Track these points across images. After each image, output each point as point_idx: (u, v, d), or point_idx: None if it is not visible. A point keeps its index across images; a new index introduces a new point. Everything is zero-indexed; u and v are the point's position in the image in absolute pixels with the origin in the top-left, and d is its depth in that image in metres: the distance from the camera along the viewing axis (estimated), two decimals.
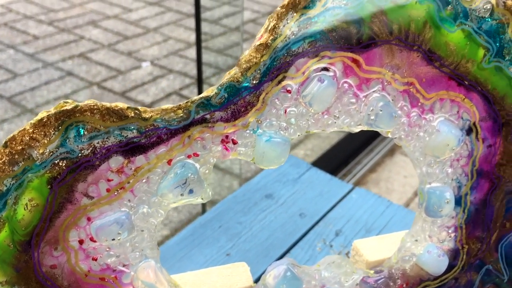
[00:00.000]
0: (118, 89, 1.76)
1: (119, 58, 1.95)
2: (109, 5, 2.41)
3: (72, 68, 1.87)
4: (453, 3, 0.32)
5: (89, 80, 1.79)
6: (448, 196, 0.34)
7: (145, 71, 1.87)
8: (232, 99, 0.29)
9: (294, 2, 0.29)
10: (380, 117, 0.32)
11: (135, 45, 2.05)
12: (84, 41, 2.07)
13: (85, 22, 2.23)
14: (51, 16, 2.28)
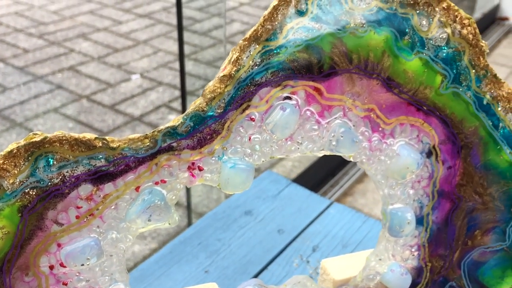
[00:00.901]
0: (108, 102, 1.77)
1: (108, 70, 1.97)
2: (99, 18, 2.43)
3: (62, 81, 1.88)
4: (410, 33, 0.34)
5: (78, 93, 1.80)
6: (409, 217, 0.35)
7: (135, 84, 1.89)
8: (198, 127, 0.31)
9: (256, 35, 0.31)
10: (341, 143, 0.33)
11: (124, 58, 2.07)
12: (74, 54, 2.08)
13: (75, 35, 2.24)
14: (41, 29, 2.29)
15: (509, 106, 0.37)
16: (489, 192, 0.38)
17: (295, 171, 1.42)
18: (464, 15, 0.34)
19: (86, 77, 1.91)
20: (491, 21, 2.29)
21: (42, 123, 1.63)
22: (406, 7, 0.33)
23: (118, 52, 2.11)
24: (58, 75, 1.92)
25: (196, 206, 1.29)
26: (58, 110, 1.70)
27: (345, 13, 0.32)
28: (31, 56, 2.04)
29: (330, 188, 1.40)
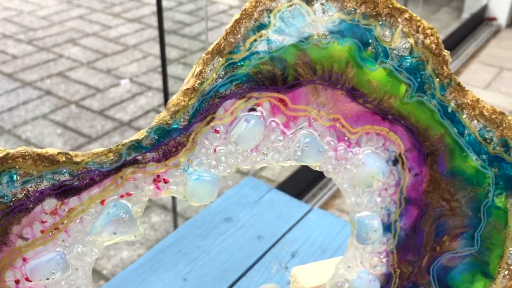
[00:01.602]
0: (97, 107, 1.76)
1: (98, 76, 1.96)
2: (88, 23, 2.43)
3: (51, 87, 1.88)
4: (373, 44, 0.34)
5: (67, 99, 1.80)
6: (376, 224, 0.36)
7: (124, 89, 1.89)
8: (163, 140, 0.31)
9: (218, 48, 0.31)
10: (306, 153, 0.33)
11: (114, 63, 2.07)
12: (63, 59, 2.08)
13: (64, 41, 2.24)
14: (30, 35, 2.28)
15: (473, 114, 0.37)
16: (456, 198, 0.38)
17: (284, 174, 1.43)
18: (427, 25, 0.35)
19: (75, 83, 1.91)
20: (479, 22, 2.31)
21: (30, 130, 1.63)
22: (368, 19, 0.34)
23: (107, 57, 2.11)
24: (47, 81, 1.92)
25: (185, 211, 1.30)
26: (46, 116, 1.70)
27: (308, 25, 0.33)
28: (19, 62, 2.04)
29: (319, 191, 1.40)
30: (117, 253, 1.19)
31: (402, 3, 1.66)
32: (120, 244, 1.20)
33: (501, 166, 0.38)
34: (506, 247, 0.40)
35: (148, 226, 1.26)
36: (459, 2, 2.50)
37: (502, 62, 2.06)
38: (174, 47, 2.17)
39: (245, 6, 0.32)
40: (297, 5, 0.32)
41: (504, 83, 1.90)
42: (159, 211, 1.30)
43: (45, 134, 1.61)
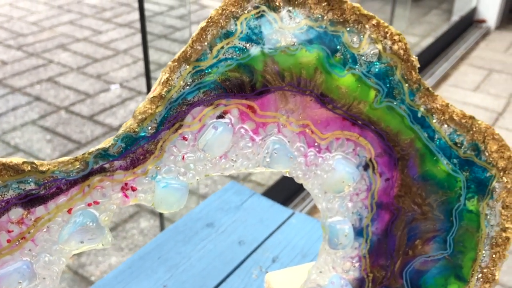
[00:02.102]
0: (86, 112, 1.76)
1: (88, 81, 1.96)
2: (79, 28, 2.42)
3: (40, 92, 1.87)
4: (341, 50, 0.34)
5: (57, 105, 1.80)
6: (346, 229, 0.36)
7: (114, 94, 1.88)
8: (130, 148, 0.31)
9: (185, 56, 0.31)
10: (275, 159, 0.34)
11: (104, 68, 2.06)
12: (53, 65, 2.08)
13: (54, 46, 2.23)
14: (20, 40, 2.28)
15: (443, 118, 0.37)
16: (428, 202, 0.39)
17: (273, 178, 1.43)
18: (394, 31, 0.35)
19: (64, 88, 1.90)
20: (469, 24, 2.32)
21: (19, 136, 1.62)
22: (336, 25, 0.34)
23: (97, 62, 2.11)
24: (37, 87, 1.91)
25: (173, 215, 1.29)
26: (36, 122, 1.69)
27: (275, 32, 0.33)
28: (9, 68, 2.03)
29: (308, 195, 1.40)
30: (105, 259, 1.18)
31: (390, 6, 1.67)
32: (109, 250, 1.20)
33: (472, 170, 0.39)
34: (479, 250, 0.40)
35: (137, 232, 1.25)
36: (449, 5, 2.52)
37: (491, 64, 2.07)
38: (165, 51, 2.17)
39: (210, 14, 0.32)
40: (264, 12, 0.33)
41: (493, 85, 1.92)
42: (148, 216, 1.30)
43: (34, 140, 1.60)
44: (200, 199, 1.31)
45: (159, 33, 2.39)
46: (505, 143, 0.39)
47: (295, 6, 0.33)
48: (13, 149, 1.55)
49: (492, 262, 0.41)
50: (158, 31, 2.41)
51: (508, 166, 0.39)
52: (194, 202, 1.29)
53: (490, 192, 0.39)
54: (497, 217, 0.40)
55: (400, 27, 1.85)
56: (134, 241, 1.24)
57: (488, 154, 0.38)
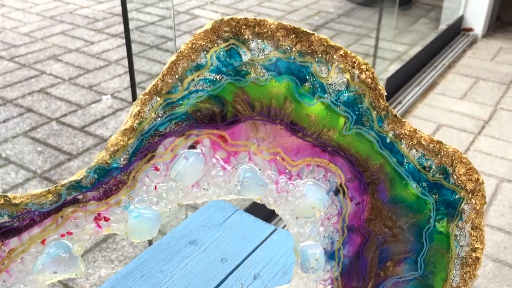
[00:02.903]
0: (78, 124, 1.76)
1: (79, 92, 1.97)
2: (71, 38, 2.43)
3: (32, 104, 1.88)
4: (310, 80, 0.36)
5: (48, 116, 1.80)
6: (318, 254, 0.37)
7: (106, 105, 1.89)
8: (103, 179, 0.32)
9: (156, 89, 0.32)
10: (246, 187, 0.35)
11: (96, 79, 2.07)
12: (45, 76, 2.08)
13: (46, 57, 2.24)
14: (12, 51, 2.28)
15: (412, 143, 0.39)
16: (398, 224, 0.40)
17: None
18: (362, 61, 0.36)
19: (56, 99, 1.91)
20: (456, 32, 2.35)
21: (10, 148, 1.62)
22: (304, 56, 0.35)
23: (89, 72, 2.11)
24: (28, 98, 1.91)
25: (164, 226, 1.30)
26: (27, 134, 1.70)
27: (245, 64, 0.34)
28: (1, 79, 2.03)
29: None
30: (95, 271, 1.18)
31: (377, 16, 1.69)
32: (99, 262, 1.20)
33: (441, 192, 0.40)
34: (450, 270, 0.41)
35: (127, 244, 1.26)
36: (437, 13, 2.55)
37: (478, 72, 2.09)
38: (156, 61, 2.18)
39: (180, 48, 0.33)
40: (234, 45, 0.34)
41: (479, 93, 1.94)
42: None
43: (25, 152, 1.60)
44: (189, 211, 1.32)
45: (150, 43, 2.40)
46: (473, 166, 0.40)
47: (264, 38, 0.34)
48: (4, 161, 1.55)
49: (462, 281, 0.42)
50: (150, 41, 2.42)
51: (476, 188, 0.40)
52: (183, 214, 1.29)
53: (459, 214, 0.40)
54: (467, 237, 0.41)
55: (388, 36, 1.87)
56: (124, 253, 1.24)
57: (456, 177, 0.40)
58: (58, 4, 2.86)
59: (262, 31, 0.34)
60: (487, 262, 1.22)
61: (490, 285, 1.16)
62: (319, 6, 2.84)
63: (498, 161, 1.57)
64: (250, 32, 0.34)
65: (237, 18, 0.33)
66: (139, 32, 2.54)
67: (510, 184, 1.48)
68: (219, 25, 0.33)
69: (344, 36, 2.42)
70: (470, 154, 1.60)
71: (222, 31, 0.33)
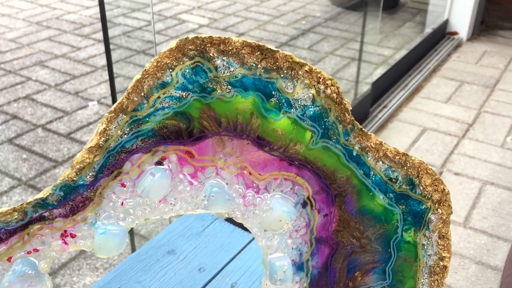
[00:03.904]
0: (63, 130, 1.76)
1: (65, 98, 1.96)
2: (57, 44, 2.42)
3: (17, 111, 1.87)
4: (276, 96, 0.36)
5: (34, 123, 1.79)
6: (285, 266, 0.37)
7: (92, 111, 1.88)
8: (69, 196, 0.32)
9: (121, 106, 0.33)
10: (212, 201, 0.35)
11: (82, 85, 2.06)
12: (31, 82, 2.07)
13: (32, 63, 2.23)
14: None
15: (378, 156, 0.39)
16: (366, 235, 0.40)
17: None
18: (327, 76, 0.37)
19: (42, 106, 1.90)
20: (442, 36, 2.37)
21: None
22: (270, 72, 0.36)
23: (75, 78, 2.11)
24: (14, 105, 1.90)
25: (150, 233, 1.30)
26: (12, 141, 1.69)
27: (210, 80, 0.35)
28: None
29: None
30: (80, 279, 1.18)
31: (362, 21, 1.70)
32: (83, 270, 1.20)
33: (408, 203, 0.40)
34: (418, 278, 0.42)
35: None
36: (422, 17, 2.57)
37: (462, 76, 2.12)
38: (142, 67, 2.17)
39: (146, 67, 0.33)
40: (199, 63, 0.34)
41: (464, 96, 1.96)
42: None
43: (10, 159, 1.60)
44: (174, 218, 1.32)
45: (137, 48, 2.40)
46: (439, 177, 0.41)
47: (229, 56, 0.35)
48: None
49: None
50: (137, 47, 2.42)
51: (442, 198, 0.41)
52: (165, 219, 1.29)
53: (426, 224, 0.41)
54: (434, 246, 0.42)
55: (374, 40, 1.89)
56: (109, 260, 1.24)
57: (422, 188, 0.40)
58: (44, 9, 2.85)
59: (227, 48, 0.35)
60: (470, 265, 1.24)
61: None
62: (306, 10, 2.86)
63: (481, 164, 1.59)
64: (215, 50, 0.34)
65: (202, 36, 0.34)
66: (126, 37, 2.54)
67: (493, 187, 1.50)
68: (184, 44, 0.34)
69: (331, 40, 2.44)
70: (454, 158, 1.62)
71: (187, 49, 0.34)
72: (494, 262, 1.24)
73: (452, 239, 1.32)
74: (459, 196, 1.45)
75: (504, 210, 1.41)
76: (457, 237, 1.32)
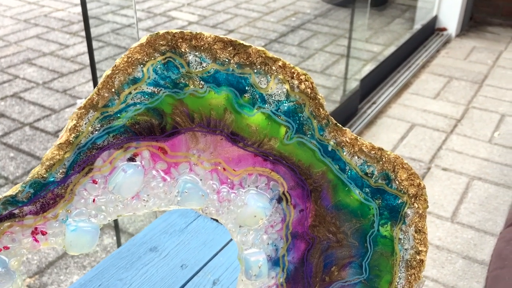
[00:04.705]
0: (51, 128, 1.75)
1: (53, 96, 1.95)
2: (45, 42, 2.40)
3: (5, 109, 1.85)
4: (249, 91, 0.36)
5: (21, 121, 1.78)
6: (261, 261, 0.37)
7: None
8: (39, 193, 0.32)
9: (91, 102, 0.33)
10: (186, 197, 0.35)
11: (70, 82, 2.05)
12: (18, 80, 2.06)
13: (20, 61, 2.21)
14: None
15: (353, 151, 0.39)
16: (342, 230, 0.40)
17: None
18: (300, 71, 0.37)
19: (29, 104, 1.89)
20: (430, 32, 2.38)
21: None
22: (243, 68, 0.36)
23: (63, 76, 2.09)
24: (1, 103, 1.89)
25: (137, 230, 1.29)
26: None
27: (182, 76, 0.35)
28: None
29: None
30: (67, 277, 1.18)
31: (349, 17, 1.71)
32: (71, 268, 1.20)
33: (384, 197, 0.41)
34: (395, 272, 0.42)
35: (99, 249, 1.25)
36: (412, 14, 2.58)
37: (451, 71, 2.13)
38: None
39: (116, 62, 0.33)
40: (171, 58, 0.34)
41: (452, 92, 1.97)
42: (111, 233, 1.29)
43: None
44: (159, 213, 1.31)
45: (126, 45, 2.39)
46: (414, 172, 0.41)
47: (201, 51, 0.35)
48: None
49: (408, 284, 0.43)
50: (126, 44, 2.41)
51: (418, 192, 0.41)
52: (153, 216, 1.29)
53: (403, 218, 0.41)
54: (411, 240, 0.42)
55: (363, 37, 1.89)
56: (97, 258, 1.24)
57: (398, 183, 0.40)
58: (32, 7, 2.83)
59: (199, 44, 0.34)
60: (457, 259, 1.25)
61: (460, 282, 1.19)
62: (296, 7, 2.86)
63: (469, 159, 1.60)
64: (187, 45, 0.34)
65: (173, 31, 0.34)
66: (114, 35, 2.53)
67: (480, 182, 1.51)
68: (155, 39, 0.33)
69: (320, 37, 2.44)
70: (442, 153, 1.63)
71: (158, 44, 0.34)
72: (481, 257, 1.26)
73: (439, 234, 1.33)
74: (447, 191, 1.46)
75: (491, 205, 1.42)
76: (444, 232, 1.33)
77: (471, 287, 1.17)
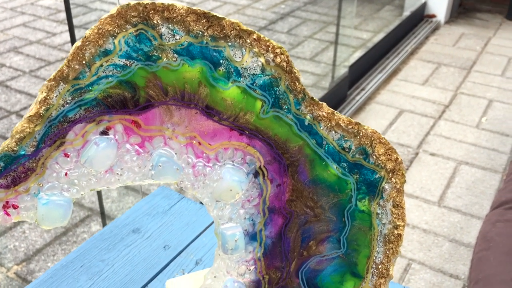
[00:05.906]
0: None
1: (40, 84, 1.93)
2: (32, 30, 2.37)
3: None
4: (224, 64, 0.36)
5: (7, 110, 1.76)
6: (237, 235, 0.37)
7: None
8: (10, 167, 0.32)
9: (62, 75, 0.32)
10: (160, 171, 0.35)
11: None
12: (5, 68, 2.03)
13: (6, 49, 2.18)
14: None
15: (330, 125, 0.39)
16: (319, 205, 0.40)
17: None
18: (276, 44, 0.37)
19: (16, 92, 1.87)
20: (420, 19, 2.38)
21: None
22: (217, 41, 0.35)
23: (50, 64, 2.07)
24: None
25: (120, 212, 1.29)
26: None
27: (155, 48, 0.34)
28: None
29: None
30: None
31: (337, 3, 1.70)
32: (58, 256, 1.19)
33: (361, 172, 0.41)
34: (373, 247, 0.43)
35: (87, 236, 1.25)
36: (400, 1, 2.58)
37: (439, 58, 2.13)
38: None
39: (86, 33, 0.33)
40: (143, 30, 0.34)
41: (440, 78, 1.98)
42: (99, 220, 1.29)
43: None
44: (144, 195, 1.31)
45: None
46: (392, 146, 0.41)
47: (174, 23, 0.34)
48: None
49: (386, 258, 0.43)
50: None
51: (396, 167, 0.41)
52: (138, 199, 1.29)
53: (380, 193, 0.41)
54: (388, 215, 0.42)
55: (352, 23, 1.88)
56: None
57: (376, 157, 0.40)
58: None
59: (171, 15, 0.34)
60: (444, 242, 1.26)
61: (446, 265, 1.20)
62: None
63: (456, 144, 1.61)
64: (159, 17, 0.34)
65: (144, 2, 0.33)
66: None
67: (467, 167, 1.52)
68: (126, 10, 0.33)
69: (310, 24, 2.43)
70: (430, 138, 1.64)
71: (129, 16, 0.33)
72: (467, 240, 1.27)
73: (426, 218, 1.34)
74: (434, 176, 1.47)
75: (478, 189, 1.43)
76: (431, 215, 1.34)
77: (457, 269, 1.19)
